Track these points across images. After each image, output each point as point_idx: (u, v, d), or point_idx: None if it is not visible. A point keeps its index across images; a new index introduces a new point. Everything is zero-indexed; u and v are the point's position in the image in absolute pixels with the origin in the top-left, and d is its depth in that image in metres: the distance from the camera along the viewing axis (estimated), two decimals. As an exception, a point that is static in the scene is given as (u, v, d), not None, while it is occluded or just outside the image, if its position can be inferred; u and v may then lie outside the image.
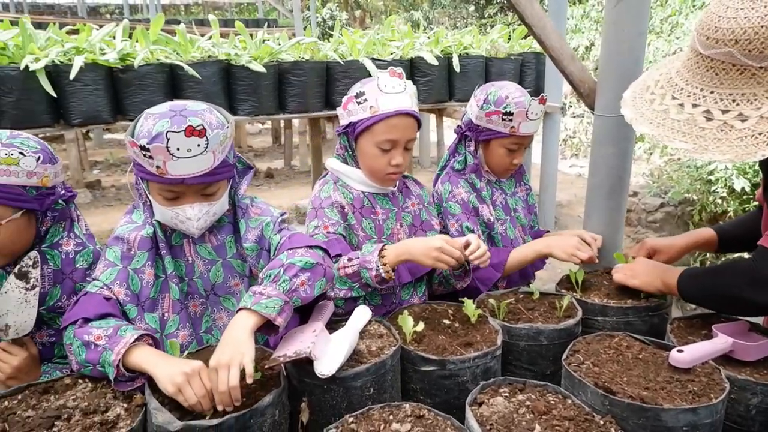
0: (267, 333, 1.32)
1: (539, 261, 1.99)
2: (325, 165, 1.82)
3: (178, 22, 4.28)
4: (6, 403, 1.21)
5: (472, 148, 1.98)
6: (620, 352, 1.37)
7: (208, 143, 1.31)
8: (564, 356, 1.33)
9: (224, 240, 1.52)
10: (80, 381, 1.29)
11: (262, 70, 3.78)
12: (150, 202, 1.44)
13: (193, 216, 1.40)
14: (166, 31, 3.84)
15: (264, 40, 4.09)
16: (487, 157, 1.98)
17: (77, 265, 1.47)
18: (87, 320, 1.31)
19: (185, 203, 1.39)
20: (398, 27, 5.12)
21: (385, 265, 1.55)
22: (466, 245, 1.58)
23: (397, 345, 1.39)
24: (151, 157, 1.30)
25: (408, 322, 1.44)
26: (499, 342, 1.43)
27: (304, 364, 1.29)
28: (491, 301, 1.65)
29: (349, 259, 1.58)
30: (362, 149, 1.70)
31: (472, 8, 15.61)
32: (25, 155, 1.34)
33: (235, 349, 1.18)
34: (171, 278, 1.44)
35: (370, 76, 4.28)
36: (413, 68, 4.59)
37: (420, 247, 1.56)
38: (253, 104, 3.90)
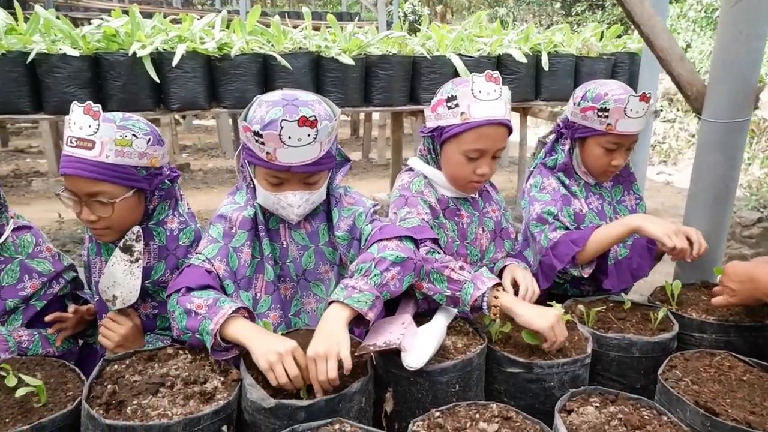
0: (356, 326, 1.35)
1: (642, 265, 1.86)
2: (410, 163, 1.80)
3: (265, 14, 4.41)
4: (116, 366, 1.30)
5: (566, 147, 1.90)
6: (722, 372, 1.30)
7: (317, 134, 1.36)
8: (660, 371, 1.28)
9: (318, 227, 1.56)
10: (181, 352, 1.36)
11: (351, 62, 3.84)
12: (254, 185, 1.51)
13: (294, 203, 1.45)
14: (259, 22, 3.98)
15: (354, 34, 4.15)
16: (584, 156, 1.90)
17: (180, 243, 1.55)
18: (189, 289, 1.38)
19: (288, 190, 1.44)
20: (485, 23, 5.05)
21: (496, 307, 1.42)
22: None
23: (483, 344, 1.38)
24: (262, 143, 1.36)
25: (495, 322, 1.43)
26: (589, 350, 1.39)
27: (391, 354, 1.31)
28: (580, 307, 1.61)
29: (461, 268, 1.50)
30: (447, 155, 1.66)
31: (558, 5, 15.15)
32: (137, 137, 1.41)
33: (331, 340, 1.22)
34: (267, 260, 1.50)
35: (456, 72, 4.28)
36: (500, 65, 4.52)
37: (535, 315, 1.40)
38: (340, 96, 3.97)
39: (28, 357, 1.33)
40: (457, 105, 1.58)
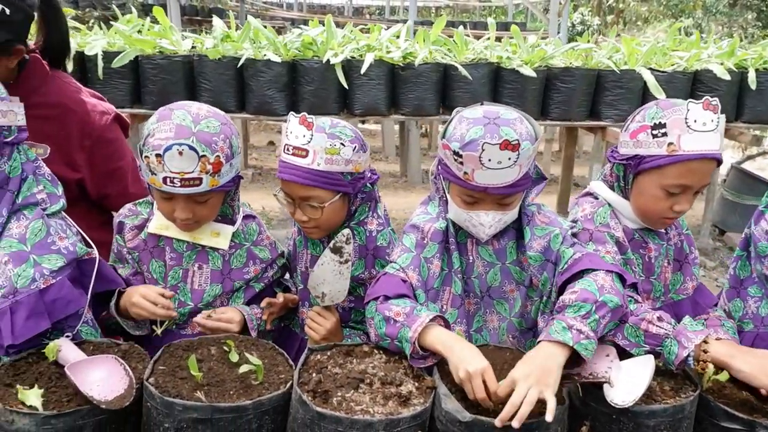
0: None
1: None
2: (590, 188, 1.65)
3: (432, 24, 4.46)
4: (318, 356, 1.38)
5: None
6: None
7: (518, 157, 1.33)
8: None
9: (506, 245, 1.53)
10: (376, 351, 1.41)
11: (532, 74, 3.76)
12: (446, 198, 1.52)
13: (486, 223, 1.44)
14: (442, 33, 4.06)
15: (537, 45, 4.06)
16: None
17: (378, 243, 1.62)
18: (387, 298, 1.43)
19: (481, 209, 1.43)
20: (662, 35, 4.64)
21: (705, 362, 1.28)
22: None
23: (696, 391, 1.25)
24: (461, 163, 1.36)
25: (709, 367, 1.29)
26: (831, 418, 1.20)
27: (592, 387, 1.24)
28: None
29: (659, 318, 1.38)
30: (642, 187, 1.49)
31: (751, 15, 13.50)
32: (344, 146, 1.50)
33: (544, 377, 1.18)
34: (455, 273, 1.50)
35: (645, 88, 3.99)
36: (696, 82, 4.13)
37: (758, 370, 1.25)
38: (517, 108, 3.90)
39: (244, 336, 1.45)
40: (665, 134, 1.41)
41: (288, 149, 1.49)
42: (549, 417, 1.13)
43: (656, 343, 1.35)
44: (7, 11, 1.52)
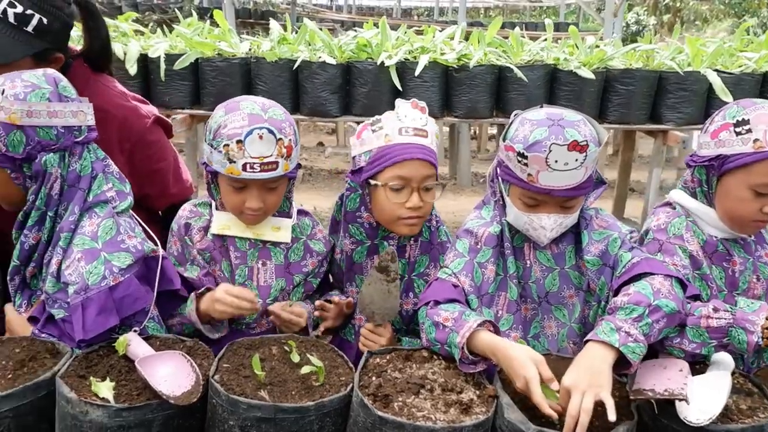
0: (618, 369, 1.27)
1: None
2: (669, 197, 1.58)
3: (481, 25, 4.40)
4: (378, 360, 1.37)
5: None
6: None
7: (585, 159, 1.31)
8: None
9: (565, 249, 1.50)
10: (434, 356, 1.40)
11: (590, 76, 3.66)
12: (503, 201, 1.50)
13: (548, 226, 1.42)
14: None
15: (596, 46, 3.95)
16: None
17: (441, 239, 1.67)
18: (437, 303, 1.43)
19: (543, 212, 1.41)
20: (723, 35, 4.43)
21: None
22: None
23: (777, 411, 1.19)
24: (525, 164, 1.34)
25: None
26: None
27: (664, 403, 1.20)
28: None
29: (715, 309, 1.33)
30: (727, 188, 1.42)
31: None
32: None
33: (595, 379, 1.17)
34: (511, 278, 1.48)
35: (710, 90, 3.83)
36: (765, 84, 3.94)
37: None
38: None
39: (305, 337, 1.46)
40: (749, 131, 1.36)
41: (407, 131, 1.50)
42: (612, 416, 1.11)
43: (721, 335, 1.31)
44: (45, 20, 1.56)
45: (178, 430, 1.20)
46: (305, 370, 1.28)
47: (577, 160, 1.31)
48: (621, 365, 1.25)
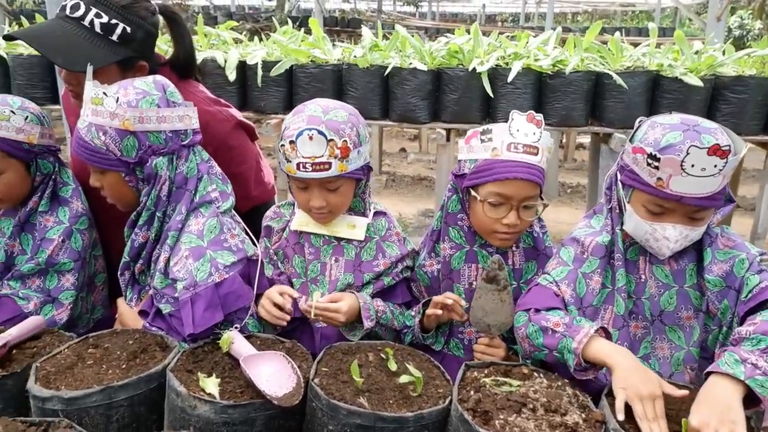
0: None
1: None
2: None
3: (570, 30, 4.23)
4: (475, 374, 1.33)
5: None
6: None
7: (725, 165, 1.22)
8: None
9: (685, 266, 1.41)
10: (535, 373, 1.34)
11: (698, 83, 3.43)
12: (619, 209, 1.42)
13: (672, 237, 1.33)
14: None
15: (704, 51, 3.71)
16: None
17: (546, 244, 1.63)
18: (537, 311, 1.39)
19: (668, 221, 1.33)
20: None
21: None
22: None
23: None
24: (656, 167, 1.27)
25: None
26: None
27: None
28: None
29: None
30: None
31: None
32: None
33: (726, 415, 1.10)
34: (619, 291, 1.41)
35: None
36: None
37: None
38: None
39: (400, 345, 1.45)
40: None
41: (516, 147, 1.44)
42: None
43: None
44: (129, 29, 1.64)
45: (278, 431, 1.22)
46: (403, 379, 1.26)
47: (716, 166, 1.23)
48: (747, 401, 1.15)
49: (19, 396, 1.29)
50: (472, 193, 1.50)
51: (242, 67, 3.82)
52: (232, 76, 3.66)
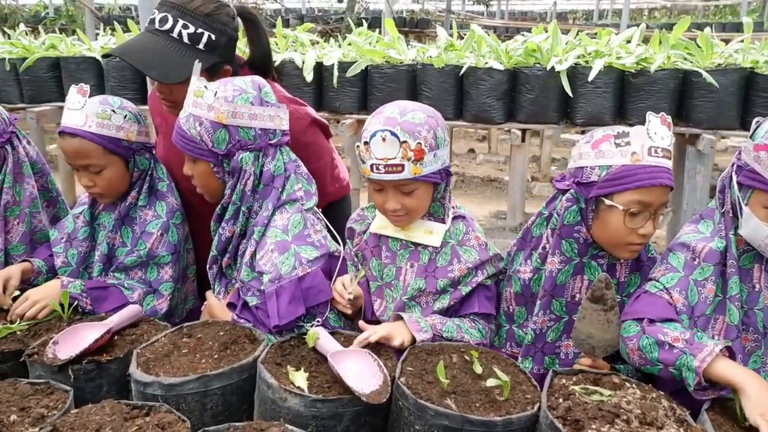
0: None
1: None
2: None
3: (647, 27, 4.03)
4: (563, 381, 1.30)
5: None
6: None
7: None
8: None
9: None
10: (627, 383, 1.29)
11: (797, 81, 3.22)
12: (734, 213, 1.36)
13: None
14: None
15: (804, 47, 3.47)
16: None
17: (648, 255, 1.55)
18: (651, 321, 1.33)
19: None
20: None
21: None
22: None
23: None
24: None
25: None
26: None
27: None
28: None
29: None
30: None
31: None
32: None
33: None
34: (732, 300, 1.33)
35: None
36: None
37: None
38: None
39: (484, 348, 1.43)
40: None
41: (657, 151, 1.36)
42: None
43: None
44: (213, 37, 1.69)
45: (364, 427, 1.23)
46: (490, 382, 1.24)
47: None
48: None
49: (121, 379, 1.37)
50: (607, 202, 1.39)
51: (319, 68, 3.90)
52: (309, 77, 3.74)
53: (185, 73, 1.61)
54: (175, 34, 1.67)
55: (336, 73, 3.77)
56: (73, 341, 1.38)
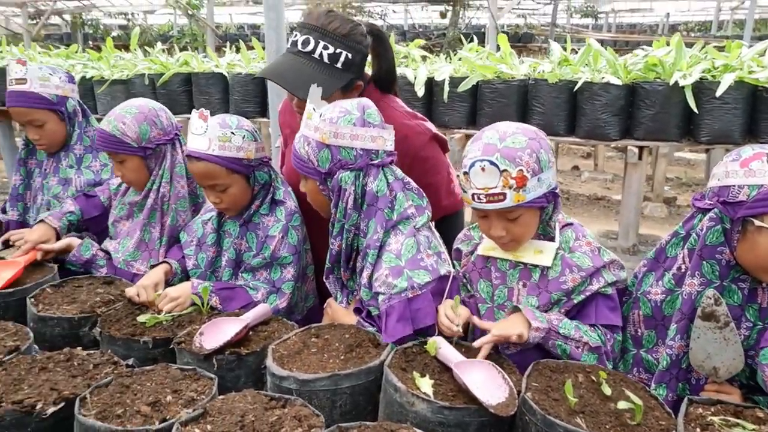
0: None
1: None
2: None
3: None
4: (700, 410, 1.23)
5: None
6: None
7: None
8: None
9: None
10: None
11: None
12: None
13: None
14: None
15: None
16: None
17: None
18: None
19: None
20: None
21: None
22: None
23: None
24: None
25: None
26: None
27: None
28: None
29: None
30: None
31: None
32: None
33: None
34: None
35: None
36: None
37: None
38: None
39: (612, 371, 1.39)
40: None
41: None
42: None
43: None
44: (349, 55, 1.77)
45: (488, 438, 1.24)
46: (621, 405, 1.21)
47: None
48: None
49: (257, 371, 1.46)
50: (756, 223, 1.32)
51: (429, 83, 3.96)
52: (420, 91, 3.82)
53: (326, 92, 1.70)
54: (316, 55, 1.77)
55: (447, 88, 3.82)
56: (216, 333, 1.50)
